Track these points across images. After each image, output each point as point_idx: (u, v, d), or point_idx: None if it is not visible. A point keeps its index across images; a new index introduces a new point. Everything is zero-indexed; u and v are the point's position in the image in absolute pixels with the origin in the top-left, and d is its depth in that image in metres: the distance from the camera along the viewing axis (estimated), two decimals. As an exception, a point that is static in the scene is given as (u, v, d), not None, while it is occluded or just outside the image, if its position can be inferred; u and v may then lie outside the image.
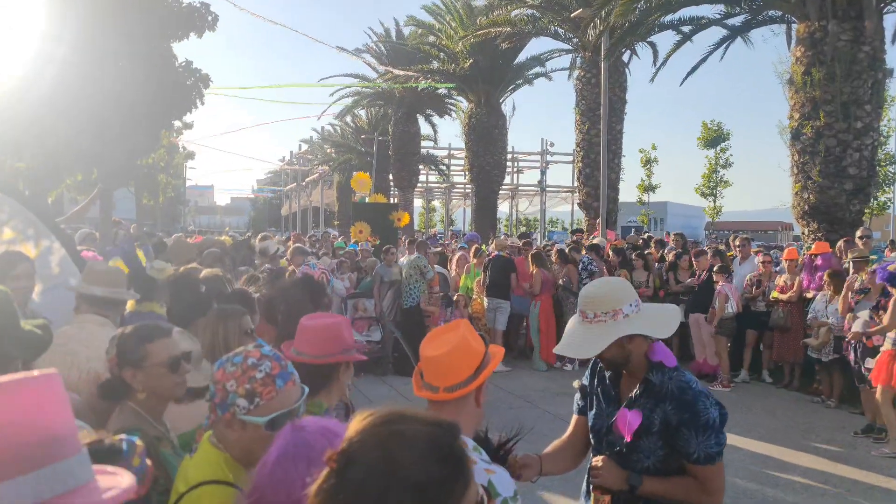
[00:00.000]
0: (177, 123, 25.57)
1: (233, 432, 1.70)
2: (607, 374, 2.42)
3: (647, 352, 2.28)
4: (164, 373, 2.27)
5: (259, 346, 1.79)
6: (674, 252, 11.03)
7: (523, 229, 65.94)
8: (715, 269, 9.45)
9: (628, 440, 2.25)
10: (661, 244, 12.79)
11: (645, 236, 16.48)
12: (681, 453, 2.22)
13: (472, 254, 11.45)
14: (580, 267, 10.58)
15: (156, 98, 8.67)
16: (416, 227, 41.56)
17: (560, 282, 10.57)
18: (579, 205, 18.50)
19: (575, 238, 14.98)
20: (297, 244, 9.84)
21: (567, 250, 11.02)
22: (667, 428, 2.22)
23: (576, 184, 24.32)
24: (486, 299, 10.50)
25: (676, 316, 2.35)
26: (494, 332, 10.37)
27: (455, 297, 10.71)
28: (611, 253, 11.08)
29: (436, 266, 10.95)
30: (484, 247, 11.57)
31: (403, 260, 10.62)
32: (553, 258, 10.78)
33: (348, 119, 35.86)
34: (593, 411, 2.46)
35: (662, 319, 2.26)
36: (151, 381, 2.26)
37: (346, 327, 2.46)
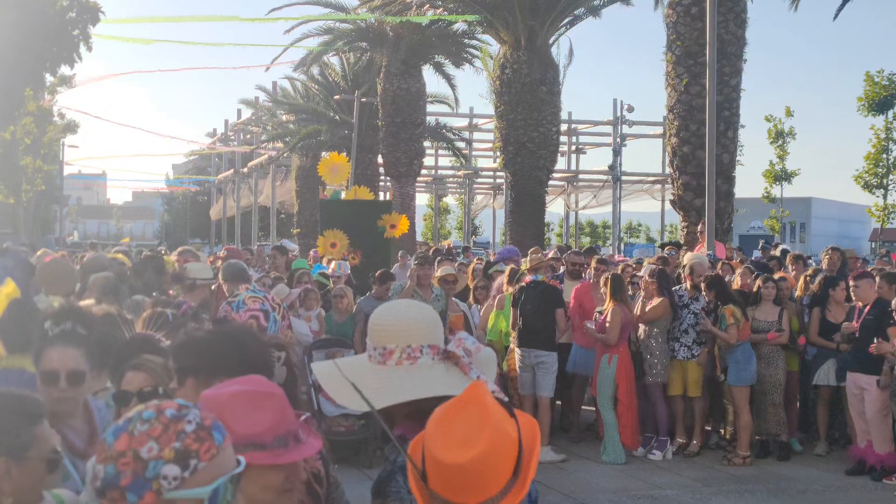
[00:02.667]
0: (49, 78, 25.88)
1: None
2: None
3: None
4: (42, 473, 2.37)
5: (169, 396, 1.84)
6: (822, 276, 10.97)
7: (587, 241, 66.06)
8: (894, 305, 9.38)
9: None
10: (802, 263, 12.71)
11: (777, 251, 16.40)
12: None
13: (506, 279, 11.45)
14: (680, 301, 10.55)
15: (17, 38, 8.75)
16: (419, 237, 41.71)
17: (641, 328, 10.55)
18: (673, 202, 18.47)
19: (666, 253, 14.94)
20: (231, 261, 9.86)
21: (653, 272, 10.96)
22: None
23: (667, 170, 24.33)
24: (518, 351, 10.48)
25: (489, 360, 2.54)
26: (534, 401, 10.34)
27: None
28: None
29: (454, 300, 10.98)
30: (523, 266, 11.57)
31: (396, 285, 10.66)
32: (643, 284, 10.75)
33: (315, 71, 36.10)
34: None
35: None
36: (26, 481, 2.33)
37: (257, 402, 2.41)
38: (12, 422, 2.36)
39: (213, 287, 9.17)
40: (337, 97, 33.62)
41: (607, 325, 10.11)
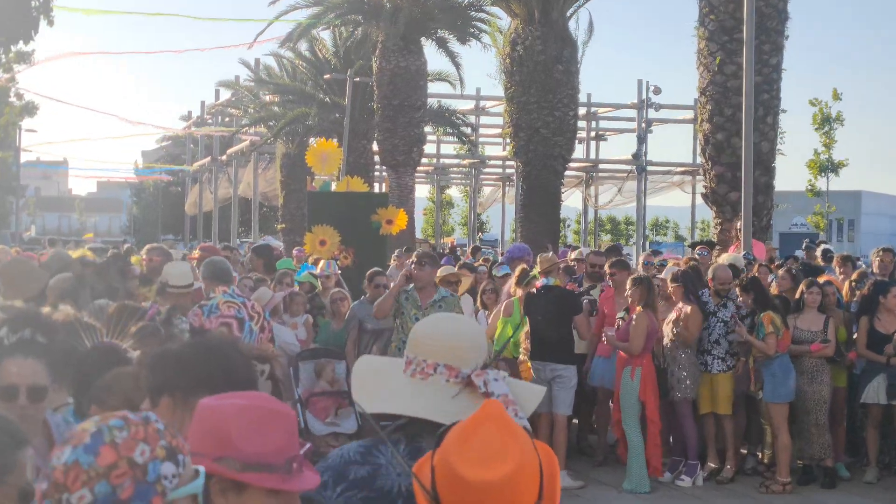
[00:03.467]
0: (3, 56, 25.88)
1: None
2: None
3: None
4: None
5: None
6: (872, 280, 10.97)
7: (608, 238, 65.99)
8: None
9: None
10: (850, 264, 12.69)
11: (821, 250, 16.37)
12: None
13: (514, 281, 11.48)
14: (706, 308, 10.55)
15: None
16: (419, 234, 41.75)
17: (667, 336, 10.57)
18: (705, 196, 18.47)
19: (698, 253, 14.94)
20: (214, 258, 9.87)
21: (676, 275, 10.97)
22: None
23: (698, 160, 24.30)
24: (531, 364, 10.50)
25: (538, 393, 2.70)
26: (550, 419, 10.36)
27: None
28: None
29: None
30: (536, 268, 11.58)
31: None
32: (670, 289, 10.76)
33: (303, 47, 36.17)
34: None
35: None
36: None
37: (268, 419, 2.44)
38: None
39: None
40: (327, 76, 33.59)
41: (631, 331, 10.12)
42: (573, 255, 14.29)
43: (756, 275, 11.27)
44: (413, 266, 10.18)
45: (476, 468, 1.90)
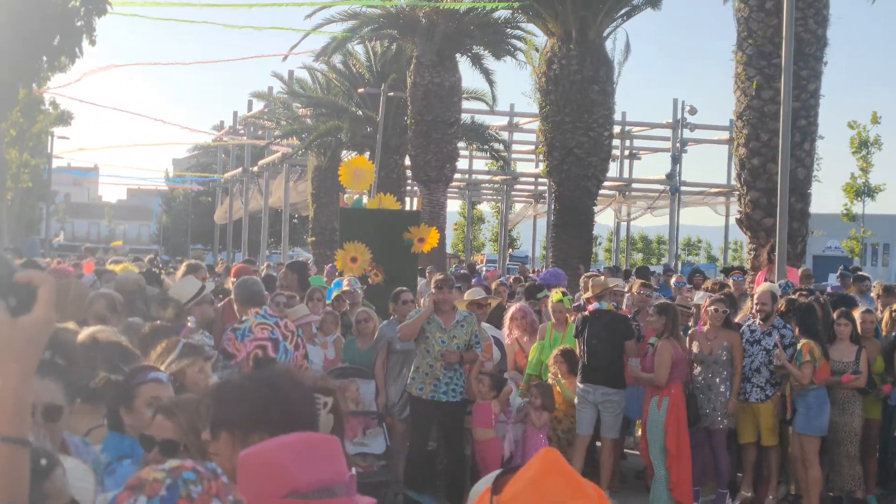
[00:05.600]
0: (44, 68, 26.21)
1: None
2: None
3: None
4: None
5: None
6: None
7: (639, 258, 65.78)
8: None
9: None
10: (892, 295, 12.63)
11: (857, 276, 16.27)
12: None
13: (550, 305, 11.50)
14: (752, 337, 10.52)
15: (14, 30, 8.91)
16: (449, 249, 41.77)
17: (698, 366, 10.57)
18: (739, 221, 18.40)
19: (732, 279, 14.90)
20: (246, 279, 9.94)
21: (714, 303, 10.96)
22: None
23: (733, 182, 24.17)
24: (579, 387, 10.52)
25: None
26: (587, 441, 10.35)
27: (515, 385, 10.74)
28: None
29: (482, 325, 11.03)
30: (558, 294, 11.59)
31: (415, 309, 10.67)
32: (705, 316, 10.77)
33: (337, 60, 36.34)
34: None
35: None
36: None
37: (318, 446, 2.51)
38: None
39: (211, 303, 9.17)
40: (360, 90, 33.75)
41: (655, 361, 10.12)
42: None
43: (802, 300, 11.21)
44: (434, 291, 10.28)
45: None
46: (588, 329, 10.56)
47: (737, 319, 11.23)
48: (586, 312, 10.79)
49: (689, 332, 11.03)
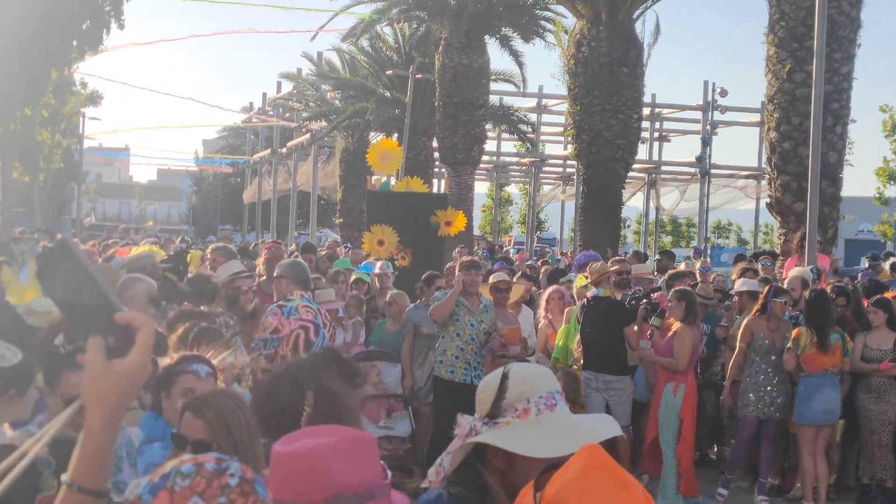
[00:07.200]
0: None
1: None
2: None
3: None
4: None
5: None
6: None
7: (668, 241, 65.46)
8: None
9: None
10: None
11: (889, 264, 16.13)
12: None
13: (574, 290, 11.43)
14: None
15: (43, 14, 8.94)
16: (476, 231, 41.68)
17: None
18: (769, 205, 18.26)
19: (761, 263, 14.78)
20: (299, 260, 9.86)
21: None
22: None
23: (763, 166, 23.98)
24: (583, 374, 10.46)
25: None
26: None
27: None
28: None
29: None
30: (582, 280, 11.52)
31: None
32: (739, 302, 10.71)
33: (364, 43, 36.30)
34: None
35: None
36: None
37: (358, 447, 2.47)
38: None
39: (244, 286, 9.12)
40: (388, 72, 33.73)
41: (675, 347, 10.00)
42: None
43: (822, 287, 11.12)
44: (462, 273, 10.21)
45: None
46: (586, 317, 10.41)
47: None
48: (586, 298, 10.62)
49: (746, 321, 10.82)
